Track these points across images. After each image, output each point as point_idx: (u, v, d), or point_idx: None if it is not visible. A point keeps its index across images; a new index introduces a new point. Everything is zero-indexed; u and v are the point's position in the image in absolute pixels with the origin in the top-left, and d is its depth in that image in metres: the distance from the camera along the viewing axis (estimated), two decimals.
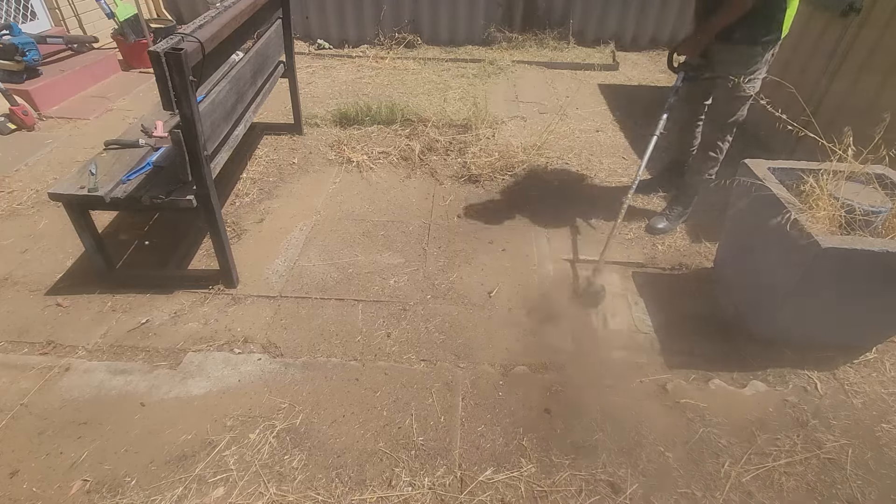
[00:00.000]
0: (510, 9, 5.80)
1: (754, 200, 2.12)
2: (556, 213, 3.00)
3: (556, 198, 3.16)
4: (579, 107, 4.44)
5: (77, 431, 1.77)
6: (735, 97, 2.52)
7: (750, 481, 1.67)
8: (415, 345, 2.14)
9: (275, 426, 1.80)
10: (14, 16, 4.33)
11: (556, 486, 1.65)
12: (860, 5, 2.99)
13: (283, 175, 3.33)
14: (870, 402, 1.95)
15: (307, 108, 4.12)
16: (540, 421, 1.85)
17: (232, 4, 2.37)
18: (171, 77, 1.74)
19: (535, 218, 2.96)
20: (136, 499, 1.58)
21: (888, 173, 2.13)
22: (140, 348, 2.10)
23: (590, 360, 2.10)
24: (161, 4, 5.72)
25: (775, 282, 2.03)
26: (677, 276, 2.55)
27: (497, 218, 2.96)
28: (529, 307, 2.34)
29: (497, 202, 3.11)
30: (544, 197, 3.17)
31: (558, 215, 2.98)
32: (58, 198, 2.12)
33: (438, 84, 4.83)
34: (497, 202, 3.11)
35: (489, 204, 3.09)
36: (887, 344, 2.16)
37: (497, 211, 3.02)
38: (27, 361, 2.02)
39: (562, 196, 3.18)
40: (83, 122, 3.92)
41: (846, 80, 3.07)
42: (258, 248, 2.67)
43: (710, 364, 2.08)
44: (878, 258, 1.78)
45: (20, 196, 3.02)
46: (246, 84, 2.74)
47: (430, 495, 1.61)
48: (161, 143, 2.52)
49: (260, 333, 2.18)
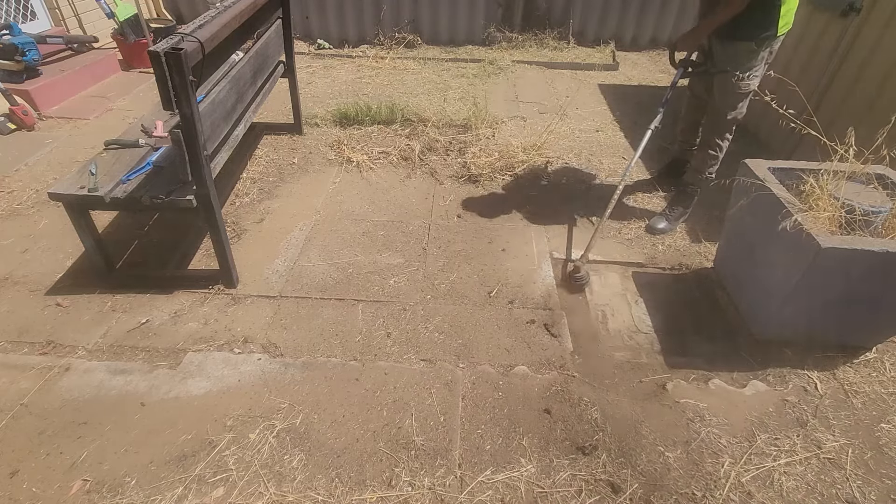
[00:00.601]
0: (510, 9, 5.80)
1: (754, 200, 2.12)
2: (557, 212, 3.01)
3: (556, 197, 3.16)
4: (579, 107, 4.44)
5: (77, 431, 1.77)
6: (733, 93, 2.52)
7: (750, 481, 1.67)
8: (415, 345, 2.14)
9: (275, 426, 1.80)
10: (14, 16, 4.33)
11: (556, 486, 1.65)
12: (860, 5, 2.99)
13: (283, 175, 3.33)
14: (870, 402, 1.95)
15: (307, 108, 4.12)
16: (540, 421, 1.85)
17: (232, 4, 2.37)
18: (171, 77, 1.74)
19: (535, 218, 2.96)
20: (136, 499, 1.58)
21: (888, 173, 2.13)
22: (140, 348, 2.10)
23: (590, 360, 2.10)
24: (161, 4, 5.73)
25: (775, 282, 2.03)
26: (677, 276, 2.55)
27: (497, 218, 2.96)
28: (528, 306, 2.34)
29: (497, 202, 3.11)
30: (544, 197, 3.17)
31: (558, 215, 2.98)
32: (58, 198, 2.12)
33: (438, 84, 4.83)
34: (497, 202, 3.11)
35: (489, 204, 3.09)
36: (887, 344, 2.16)
37: (497, 211, 3.02)
38: (27, 361, 2.02)
39: (562, 196, 3.18)
40: (83, 122, 3.92)
41: (846, 80, 3.06)
42: (258, 248, 2.67)
43: (710, 364, 2.08)
44: (878, 258, 1.78)
45: (20, 196, 3.02)
46: (246, 84, 2.74)
47: (429, 495, 1.61)
48: (161, 143, 2.52)
49: (260, 333, 2.18)
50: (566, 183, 3.32)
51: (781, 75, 2.47)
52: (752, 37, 2.41)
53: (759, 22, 2.38)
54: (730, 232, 2.42)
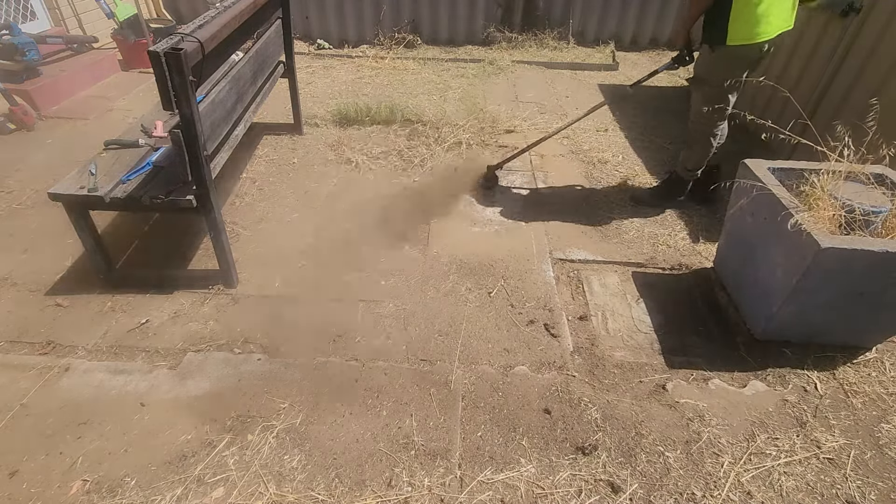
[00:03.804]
0: (510, 9, 5.80)
1: (754, 200, 2.12)
2: (557, 211, 3.00)
3: (555, 196, 3.16)
4: (579, 107, 4.44)
5: (77, 431, 1.77)
6: (698, 93, 2.66)
7: (750, 481, 1.67)
8: (415, 345, 2.14)
9: (274, 426, 1.80)
10: (14, 16, 4.33)
11: (555, 486, 1.65)
12: (860, 5, 2.99)
13: (283, 175, 3.33)
14: (870, 402, 1.95)
15: (307, 108, 4.12)
16: (540, 421, 1.85)
17: (232, 4, 2.37)
18: (170, 77, 1.74)
19: (535, 217, 2.96)
20: (136, 499, 1.58)
21: (888, 173, 2.13)
22: (140, 348, 2.10)
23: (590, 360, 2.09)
24: (161, 4, 5.73)
25: (775, 281, 2.03)
26: (677, 276, 2.55)
27: (497, 217, 2.96)
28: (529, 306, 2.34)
29: (497, 201, 3.11)
30: (544, 196, 3.18)
31: (558, 214, 2.98)
32: (58, 198, 2.12)
33: (438, 84, 4.83)
34: (497, 201, 3.11)
35: (489, 203, 3.09)
36: (887, 344, 2.16)
37: (497, 210, 3.02)
38: (27, 361, 2.02)
39: (561, 195, 3.18)
40: (83, 122, 3.92)
41: (846, 80, 3.06)
42: (258, 248, 2.67)
43: (710, 364, 2.08)
44: (878, 258, 1.78)
45: (20, 196, 3.02)
46: (246, 84, 2.74)
47: (429, 495, 1.61)
48: (161, 143, 2.52)
49: (260, 333, 2.17)
50: (566, 182, 3.32)
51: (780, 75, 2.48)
52: (709, 42, 2.48)
53: (710, 29, 2.44)
54: (730, 232, 2.42)
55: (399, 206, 3.02)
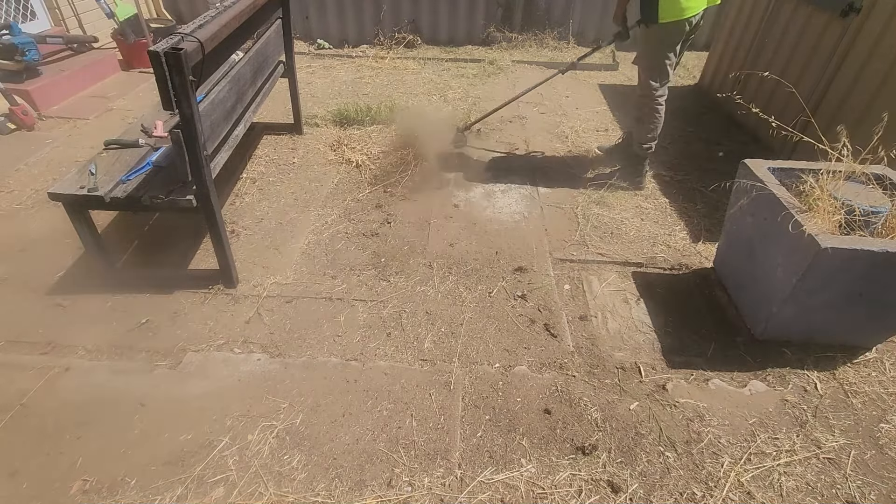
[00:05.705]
0: (510, 9, 5.80)
1: (754, 200, 2.12)
2: (556, 211, 3.00)
3: (555, 196, 3.16)
4: (579, 107, 4.44)
5: (77, 431, 1.77)
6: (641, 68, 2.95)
7: (750, 481, 1.67)
8: (415, 345, 2.14)
9: (274, 426, 1.80)
10: (14, 16, 4.33)
11: (555, 486, 1.65)
12: (860, 5, 2.99)
13: (283, 175, 3.33)
14: (870, 402, 1.95)
15: (307, 108, 4.12)
16: (540, 421, 1.85)
17: (232, 4, 2.37)
18: (170, 77, 1.74)
19: (535, 216, 2.96)
20: (136, 499, 1.58)
21: (888, 173, 2.13)
22: (140, 348, 2.10)
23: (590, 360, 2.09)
24: (161, 4, 5.73)
25: (775, 282, 2.03)
26: (677, 276, 2.55)
27: (497, 217, 2.96)
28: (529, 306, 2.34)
29: (497, 200, 3.11)
30: (544, 195, 3.17)
31: (558, 213, 2.98)
32: (58, 198, 2.12)
33: (438, 84, 4.83)
34: (497, 200, 3.11)
35: (489, 202, 3.09)
36: (887, 344, 2.16)
37: (497, 209, 3.02)
38: (27, 361, 2.02)
39: (561, 195, 3.18)
40: (83, 122, 3.92)
41: (846, 80, 3.06)
42: (258, 247, 2.67)
43: (710, 364, 2.08)
44: (878, 258, 1.78)
45: (20, 196, 3.02)
46: (246, 84, 2.74)
47: (429, 496, 1.61)
48: (161, 143, 2.52)
49: (260, 333, 2.17)
50: (566, 182, 3.31)
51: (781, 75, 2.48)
52: (644, 19, 2.73)
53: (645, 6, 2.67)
54: (730, 232, 2.42)
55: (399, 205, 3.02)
